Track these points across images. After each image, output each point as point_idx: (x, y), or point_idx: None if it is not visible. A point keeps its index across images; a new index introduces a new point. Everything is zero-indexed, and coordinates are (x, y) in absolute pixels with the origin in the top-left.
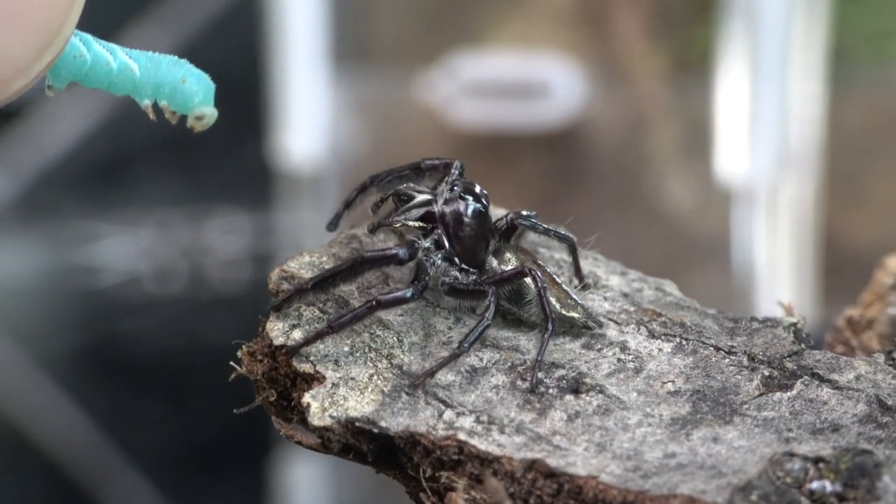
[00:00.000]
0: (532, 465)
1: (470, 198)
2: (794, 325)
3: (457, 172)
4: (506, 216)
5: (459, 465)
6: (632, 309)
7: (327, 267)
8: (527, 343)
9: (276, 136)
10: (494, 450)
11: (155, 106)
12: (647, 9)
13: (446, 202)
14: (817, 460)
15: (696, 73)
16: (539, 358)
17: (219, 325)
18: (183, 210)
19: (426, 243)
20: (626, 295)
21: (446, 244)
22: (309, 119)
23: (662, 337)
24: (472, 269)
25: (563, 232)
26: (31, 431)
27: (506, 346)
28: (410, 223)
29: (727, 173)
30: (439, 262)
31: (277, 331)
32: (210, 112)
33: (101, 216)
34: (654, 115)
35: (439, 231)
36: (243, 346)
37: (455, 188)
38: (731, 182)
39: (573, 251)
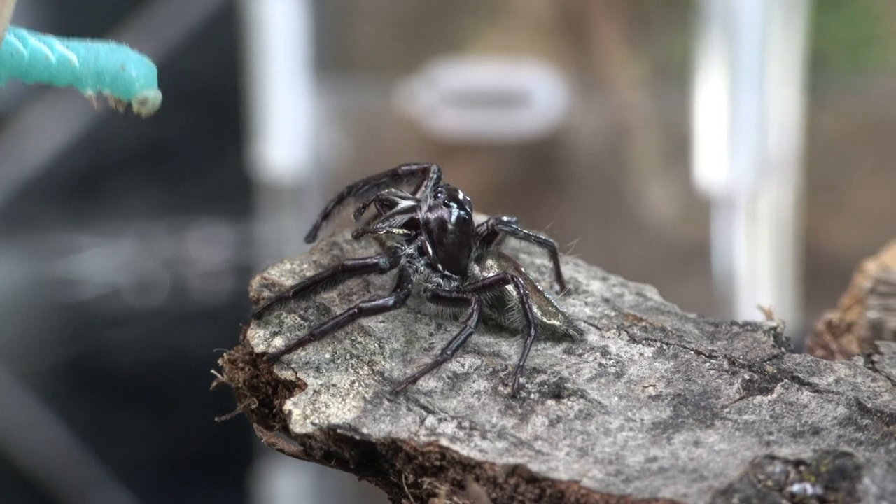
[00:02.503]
0: (514, 470)
1: (454, 204)
2: (774, 329)
3: (435, 177)
4: (487, 222)
5: (442, 471)
6: (613, 314)
7: (308, 274)
8: (508, 349)
9: (257, 147)
10: (477, 455)
11: (99, 95)
12: (626, 17)
13: (430, 209)
14: (798, 463)
15: (675, 81)
16: (521, 364)
17: (200, 336)
18: (163, 221)
19: (409, 249)
20: (607, 300)
21: (430, 251)
22: (290, 129)
23: (643, 342)
24: (454, 276)
25: (543, 237)
26: (10, 445)
27: (487, 352)
28: (394, 230)
29: (707, 180)
30: (422, 268)
31: (258, 339)
32: (153, 95)
33: (80, 228)
34: (633, 123)
35: (423, 238)
36: (224, 354)
37: (439, 195)
38: (711, 189)
39: (554, 256)
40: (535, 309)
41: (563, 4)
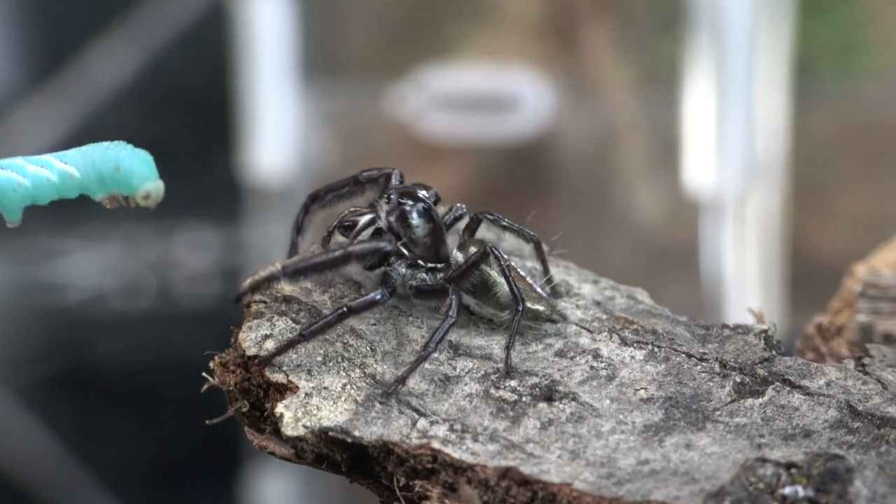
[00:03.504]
0: (506, 472)
1: (409, 201)
2: (765, 331)
3: (396, 181)
4: (472, 214)
5: (433, 474)
6: (604, 317)
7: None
8: (500, 352)
9: (245, 150)
10: (468, 458)
11: (111, 197)
12: (615, 22)
13: (388, 213)
14: (789, 466)
15: (663, 85)
16: (511, 341)
17: (187, 340)
18: (150, 225)
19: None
20: (598, 303)
21: (405, 252)
22: (278, 132)
23: (635, 344)
24: (438, 266)
25: (527, 230)
26: None
27: (479, 355)
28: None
29: (695, 184)
30: (403, 270)
31: (250, 341)
32: (154, 187)
33: (66, 231)
34: (622, 126)
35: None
36: (216, 357)
37: (391, 196)
38: (699, 193)
39: (538, 250)
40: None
41: (552, 8)
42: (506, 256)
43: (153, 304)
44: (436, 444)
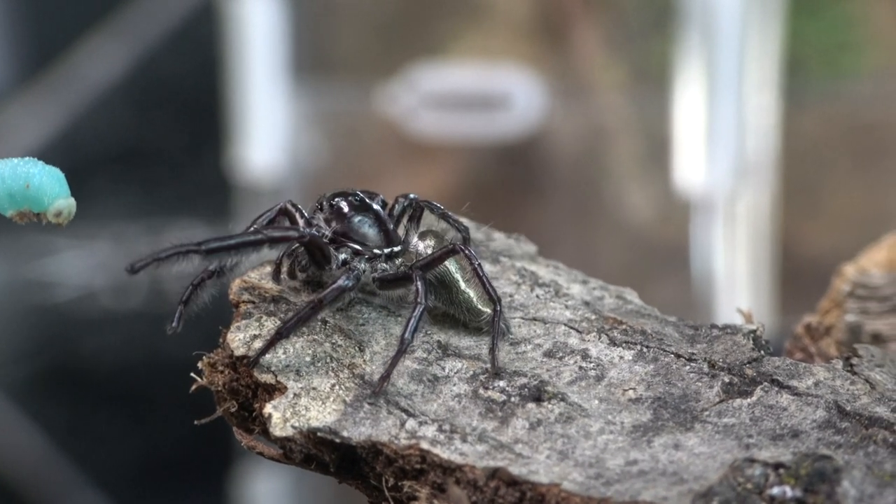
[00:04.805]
0: (494, 473)
1: (340, 199)
2: (754, 332)
3: (292, 208)
4: (412, 202)
5: (422, 474)
6: (593, 317)
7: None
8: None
9: (235, 149)
10: (457, 458)
11: (22, 213)
12: (606, 21)
13: (327, 220)
14: (777, 466)
15: (654, 85)
16: (494, 342)
17: (178, 339)
18: (140, 223)
19: (343, 256)
20: (587, 303)
21: (357, 246)
22: (268, 131)
23: (623, 345)
24: (395, 251)
25: (461, 223)
26: None
27: (468, 355)
28: (329, 269)
29: (686, 184)
30: (363, 265)
31: (238, 341)
32: (66, 205)
33: (56, 230)
34: (613, 126)
35: (345, 244)
36: (204, 357)
37: (322, 203)
38: (690, 192)
39: (466, 240)
40: (471, 292)
41: (543, 7)
42: (474, 254)
43: (143, 303)
44: (424, 445)
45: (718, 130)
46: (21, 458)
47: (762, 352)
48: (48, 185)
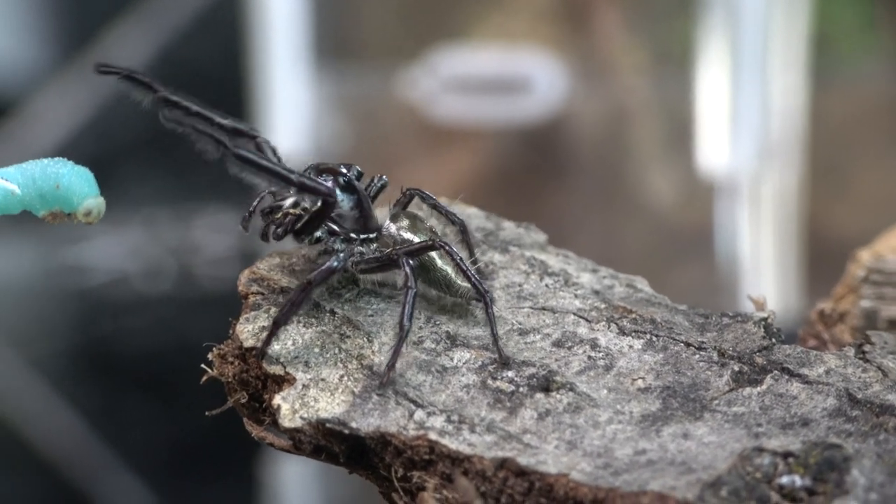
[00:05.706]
0: (503, 463)
1: (324, 175)
2: (765, 319)
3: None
4: (404, 189)
5: (430, 465)
6: (602, 306)
7: (297, 269)
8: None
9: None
10: (465, 449)
11: (54, 214)
12: (627, 3)
13: (305, 198)
14: (787, 455)
15: (676, 66)
16: (494, 331)
17: (207, 323)
18: (170, 208)
19: (319, 234)
20: (596, 292)
21: (336, 228)
22: (291, 115)
23: (633, 334)
24: (371, 237)
25: (454, 214)
26: (22, 430)
27: (476, 346)
28: (302, 240)
29: (709, 166)
30: (338, 245)
31: (248, 333)
32: (95, 204)
33: None
34: (635, 108)
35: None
36: (214, 349)
37: (320, 175)
38: (714, 174)
39: (464, 233)
40: (449, 270)
41: None
42: (453, 249)
43: (174, 287)
44: (433, 436)
45: (743, 112)
46: (56, 438)
47: (773, 339)
48: (77, 185)
